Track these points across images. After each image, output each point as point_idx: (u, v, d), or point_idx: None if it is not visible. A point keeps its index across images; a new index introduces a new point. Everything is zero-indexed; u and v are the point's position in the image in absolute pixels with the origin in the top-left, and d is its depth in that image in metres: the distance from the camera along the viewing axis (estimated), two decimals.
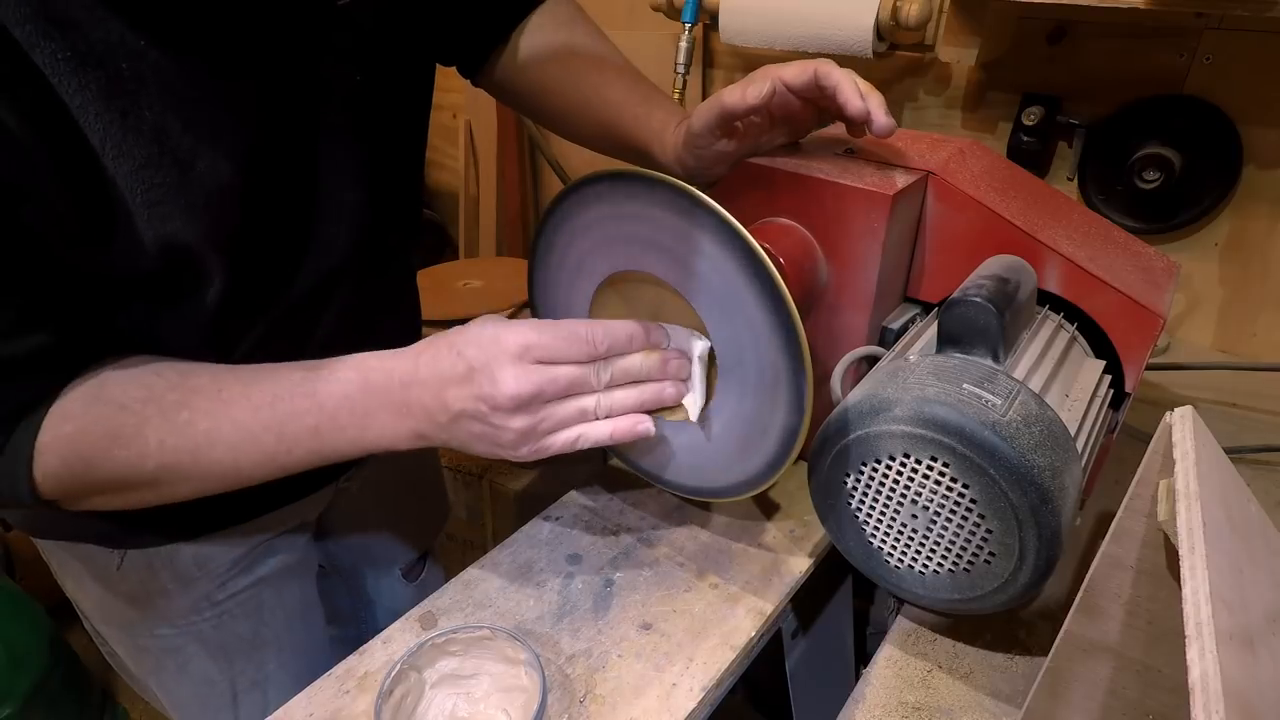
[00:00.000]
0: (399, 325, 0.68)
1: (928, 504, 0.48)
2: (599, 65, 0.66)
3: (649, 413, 0.49)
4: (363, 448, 0.47)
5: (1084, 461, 0.50)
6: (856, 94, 0.52)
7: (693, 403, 0.52)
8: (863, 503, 0.51)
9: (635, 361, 0.48)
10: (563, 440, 0.46)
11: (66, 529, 0.58)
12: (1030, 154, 0.99)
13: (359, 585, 0.81)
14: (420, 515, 0.84)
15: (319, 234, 0.51)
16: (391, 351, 0.47)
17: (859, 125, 0.54)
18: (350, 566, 0.79)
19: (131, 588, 0.59)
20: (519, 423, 0.44)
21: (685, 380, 0.51)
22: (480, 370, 0.43)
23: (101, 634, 0.65)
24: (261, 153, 0.45)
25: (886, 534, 0.51)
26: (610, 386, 0.47)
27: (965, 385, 0.47)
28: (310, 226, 0.51)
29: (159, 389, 0.44)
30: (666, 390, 0.49)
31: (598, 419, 0.47)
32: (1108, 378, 0.57)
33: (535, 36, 0.66)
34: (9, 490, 0.43)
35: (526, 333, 0.44)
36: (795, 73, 0.53)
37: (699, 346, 0.51)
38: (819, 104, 0.56)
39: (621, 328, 0.47)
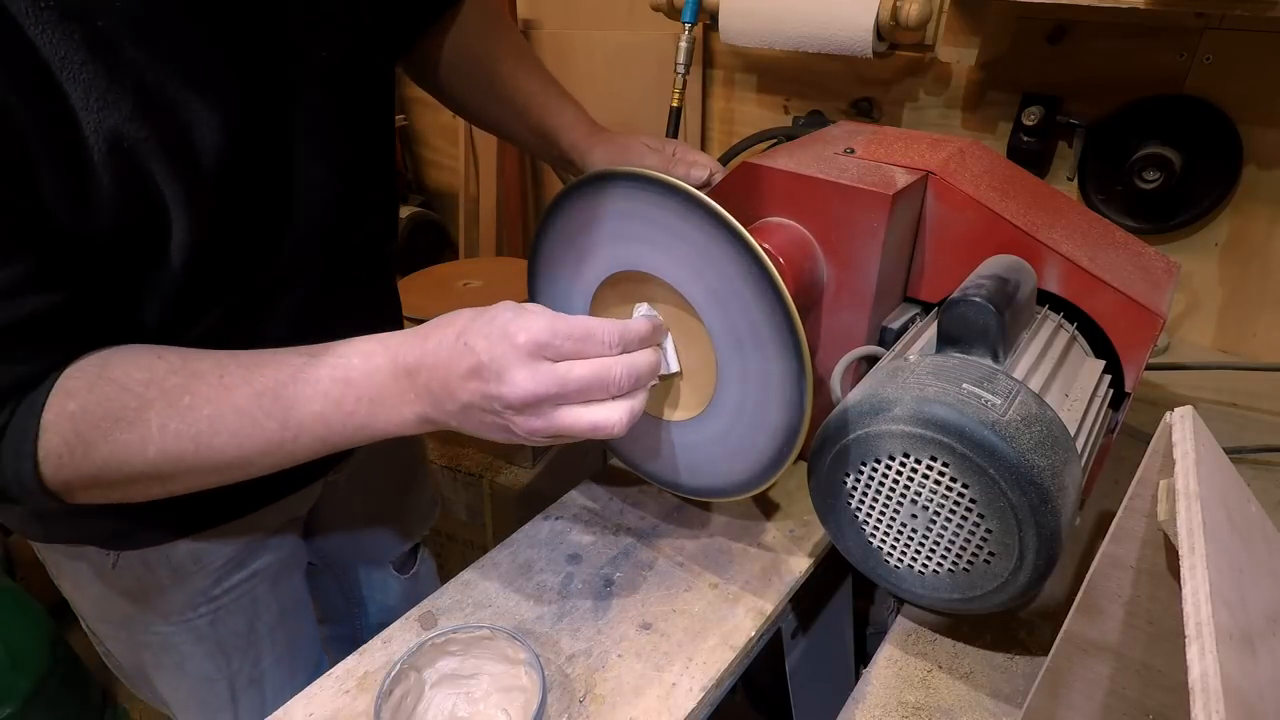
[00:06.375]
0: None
1: (927, 504, 0.48)
2: (519, 57, 0.72)
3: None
4: (371, 434, 0.46)
5: (1084, 461, 0.50)
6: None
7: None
8: (862, 502, 0.51)
9: (642, 360, 0.46)
10: (580, 430, 0.45)
11: (62, 533, 0.58)
12: (1030, 154, 0.99)
13: (351, 582, 0.81)
14: (409, 507, 0.84)
15: (290, 203, 0.50)
16: (401, 334, 0.46)
17: None
18: (342, 563, 0.80)
19: (128, 584, 0.59)
20: (531, 421, 0.43)
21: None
22: (488, 366, 0.42)
23: (99, 634, 0.65)
24: (240, 108, 0.44)
25: (886, 534, 0.51)
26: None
27: (965, 385, 0.47)
28: (282, 194, 0.50)
29: (160, 372, 0.43)
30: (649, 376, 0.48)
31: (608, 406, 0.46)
32: (1108, 378, 0.57)
33: (464, 27, 0.70)
34: (12, 471, 0.41)
35: (539, 329, 0.42)
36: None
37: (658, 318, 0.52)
38: None
39: (635, 329, 0.46)
